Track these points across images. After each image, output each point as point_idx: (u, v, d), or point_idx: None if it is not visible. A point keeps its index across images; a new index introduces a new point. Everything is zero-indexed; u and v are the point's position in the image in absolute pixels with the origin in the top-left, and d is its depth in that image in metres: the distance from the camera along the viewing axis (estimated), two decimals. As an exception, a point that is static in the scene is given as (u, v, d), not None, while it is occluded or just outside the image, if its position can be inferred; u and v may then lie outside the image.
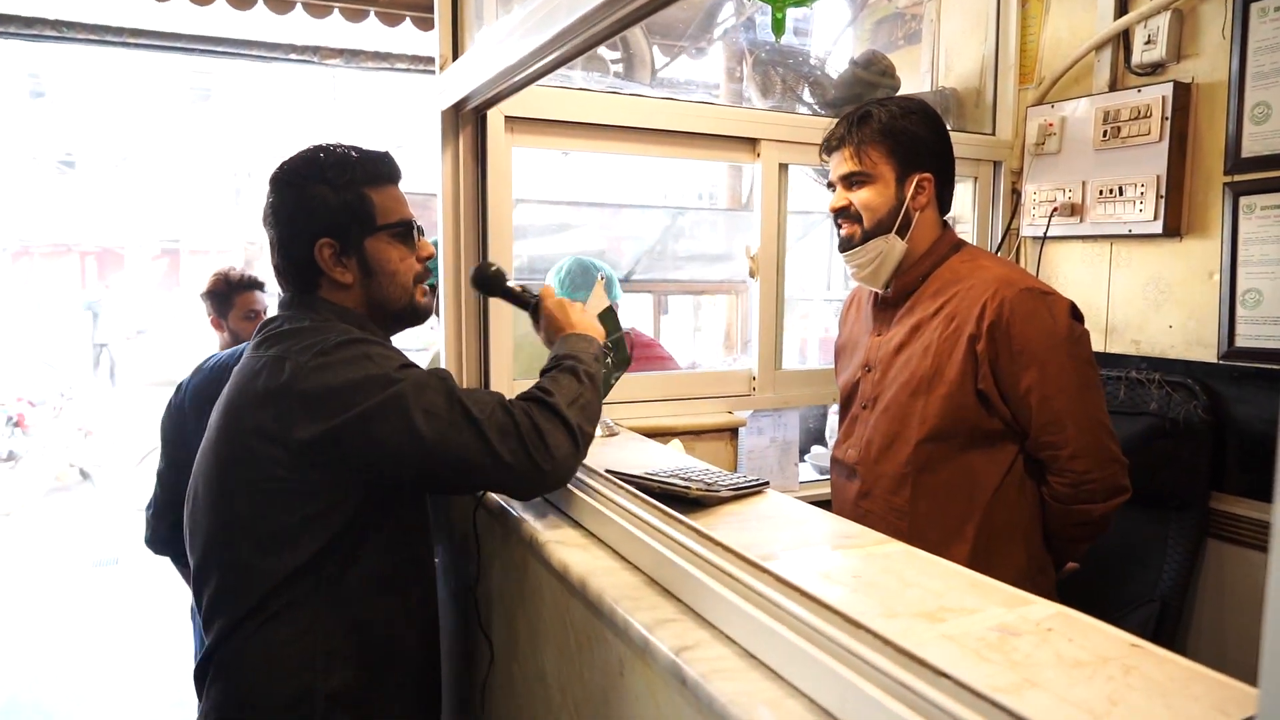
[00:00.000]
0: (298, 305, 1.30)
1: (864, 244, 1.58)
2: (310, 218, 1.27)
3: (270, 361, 1.19)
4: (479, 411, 1.15)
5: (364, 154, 1.32)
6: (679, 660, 0.84)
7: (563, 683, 1.17)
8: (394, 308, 1.34)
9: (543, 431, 1.16)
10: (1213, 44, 2.01)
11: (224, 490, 1.21)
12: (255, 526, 1.18)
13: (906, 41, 3.23)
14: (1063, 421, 1.47)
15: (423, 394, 1.14)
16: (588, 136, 2.00)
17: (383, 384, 1.14)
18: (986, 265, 1.58)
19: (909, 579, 1.04)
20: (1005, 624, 0.90)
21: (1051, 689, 0.76)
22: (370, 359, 1.17)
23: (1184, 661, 0.80)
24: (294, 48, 3.84)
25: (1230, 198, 1.96)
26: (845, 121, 1.60)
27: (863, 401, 1.66)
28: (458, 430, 1.13)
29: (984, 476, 1.52)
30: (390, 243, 1.32)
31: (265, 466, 1.16)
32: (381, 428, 1.12)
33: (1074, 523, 1.54)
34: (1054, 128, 2.30)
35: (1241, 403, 1.97)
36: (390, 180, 1.35)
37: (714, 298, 5.43)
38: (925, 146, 1.58)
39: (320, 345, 1.17)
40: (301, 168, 1.30)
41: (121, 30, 3.61)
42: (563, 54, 1.35)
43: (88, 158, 17.49)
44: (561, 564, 1.13)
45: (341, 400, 1.12)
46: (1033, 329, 1.46)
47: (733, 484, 1.38)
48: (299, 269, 1.30)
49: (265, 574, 1.18)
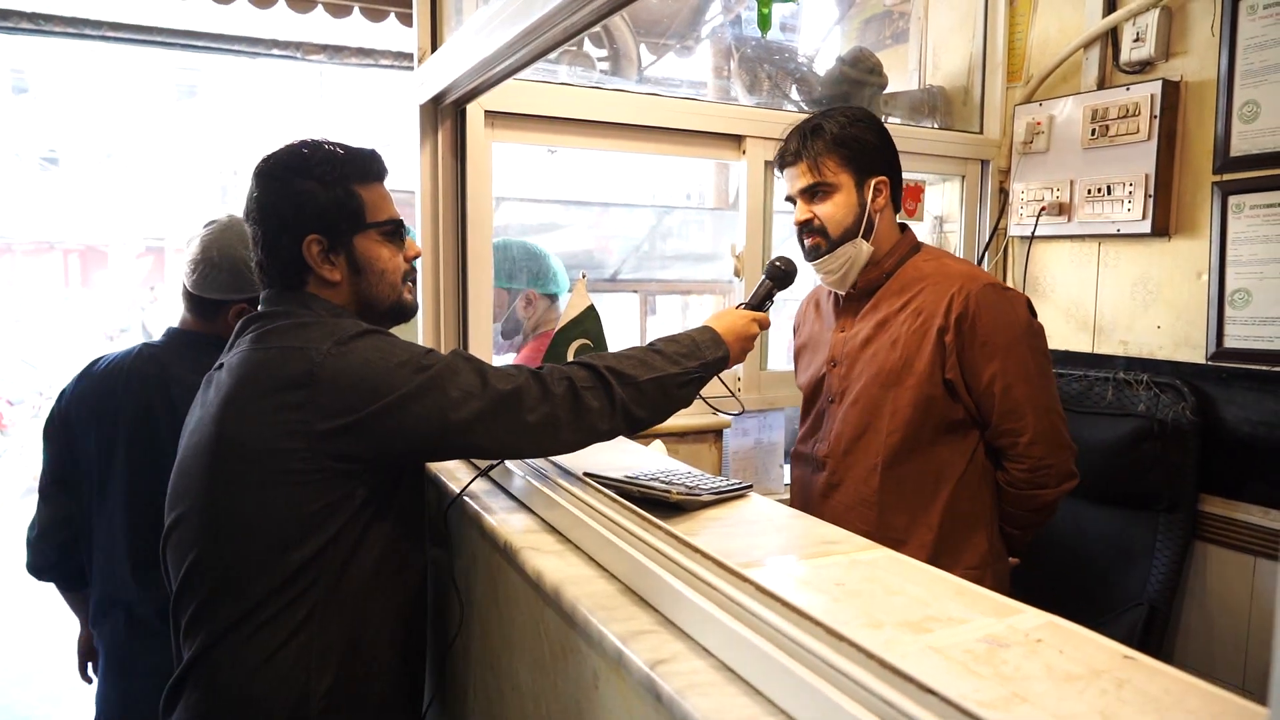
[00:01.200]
0: (291, 301, 1.27)
1: (832, 251, 1.62)
2: (298, 213, 1.24)
3: (282, 352, 1.17)
4: (509, 381, 1.17)
5: (352, 151, 1.30)
6: (654, 674, 0.80)
7: (537, 693, 1.13)
8: (382, 306, 1.33)
9: (579, 392, 1.19)
10: (1201, 42, 1.99)
11: (227, 489, 1.17)
12: (261, 525, 1.15)
13: (894, 40, 3.21)
14: (1023, 409, 1.53)
15: (454, 376, 1.16)
16: (570, 132, 1.97)
17: (415, 369, 1.15)
18: (949, 264, 1.65)
19: (893, 587, 1.00)
20: (993, 634, 0.86)
21: (1042, 704, 0.73)
22: (392, 345, 1.18)
23: (1178, 674, 0.77)
24: (276, 43, 3.79)
25: (1219, 197, 1.94)
26: (796, 136, 1.64)
27: (829, 396, 1.70)
28: (493, 406, 1.15)
29: (949, 465, 1.59)
30: (379, 241, 1.30)
31: (281, 459, 1.13)
32: (419, 411, 1.13)
33: (1028, 508, 1.61)
34: (1042, 126, 2.28)
35: (1230, 404, 1.95)
36: (378, 178, 1.33)
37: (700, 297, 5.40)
38: (876, 152, 1.64)
39: (338, 335, 1.16)
40: (289, 162, 1.27)
41: (100, 24, 3.55)
42: (541, 44, 1.32)
43: (71, 154, 17.32)
44: (535, 571, 1.09)
45: (374, 387, 1.13)
46: (997, 322, 1.53)
47: (714, 487, 1.35)
48: (285, 265, 1.26)
49: (268, 573, 1.15)
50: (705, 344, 1.37)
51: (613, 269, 4.50)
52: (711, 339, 1.39)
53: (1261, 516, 1.90)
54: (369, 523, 1.20)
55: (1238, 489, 1.95)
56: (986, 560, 1.59)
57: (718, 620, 0.83)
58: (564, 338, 1.83)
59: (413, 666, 1.34)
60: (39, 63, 16.91)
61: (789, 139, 1.65)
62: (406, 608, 1.30)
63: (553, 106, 1.91)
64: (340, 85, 16.30)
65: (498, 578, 1.29)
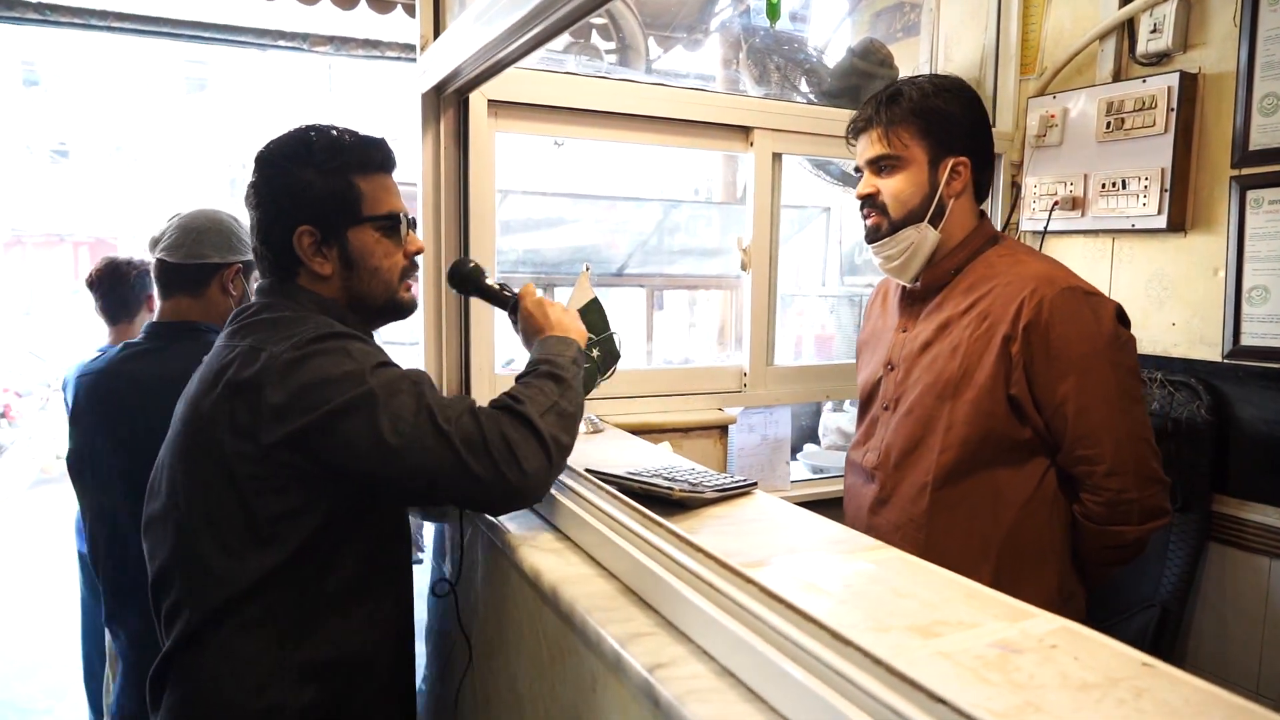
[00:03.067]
0: (277, 293, 1.24)
1: (893, 234, 1.47)
2: (292, 202, 1.21)
3: (244, 352, 1.13)
4: (446, 421, 1.08)
5: (357, 139, 1.26)
6: (652, 679, 0.78)
7: (534, 695, 1.11)
8: (375, 303, 1.28)
9: (512, 443, 1.09)
10: (1221, 33, 1.94)
11: (192, 485, 1.14)
12: (224, 524, 1.12)
13: (905, 34, 3.17)
14: (1100, 435, 1.36)
15: (393, 398, 1.08)
16: (575, 123, 1.93)
17: (354, 382, 1.08)
18: (1026, 260, 1.47)
19: (901, 589, 0.97)
20: (1005, 640, 0.83)
21: (1057, 714, 0.69)
22: (348, 354, 1.11)
23: (1199, 683, 0.74)
24: (283, 34, 3.77)
25: (1237, 192, 1.90)
26: (874, 101, 1.49)
27: (884, 402, 1.56)
28: (424, 439, 1.07)
29: (1011, 492, 1.42)
30: (375, 235, 1.25)
31: (234, 461, 1.10)
32: (347, 429, 1.07)
33: (1106, 545, 1.42)
34: (1056, 119, 2.23)
35: (1246, 403, 1.91)
36: (383, 169, 1.28)
37: (708, 293, 5.37)
38: (960, 127, 1.47)
39: (296, 338, 1.12)
40: (289, 148, 1.23)
41: (107, 14, 3.54)
42: (543, 31, 1.28)
43: (82, 147, 17.39)
44: (533, 570, 1.06)
45: (311, 398, 1.07)
46: (1074, 332, 1.35)
47: (719, 485, 1.32)
48: (277, 255, 1.23)
49: (234, 575, 1.11)
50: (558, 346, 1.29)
51: (619, 263, 4.48)
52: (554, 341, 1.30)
53: (1277, 518, 1.86)
54: (343, 537, 1.16)
55: (1253, 489, 1.91)
56: (1054, 602, 1.39)
57: (719, 623, 0.80)
58: (567, 331, 1.80)
59: (402, 675, 1.30)
60: (49, 56, 16.96)
61: (865, 104, 1.51)
62: (395, 618, 1.25)
63: (558, 96, 1.88)
64: (348, 78, 16.30)
65: (499, 576, 1.27)
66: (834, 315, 4.47)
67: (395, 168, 1.30)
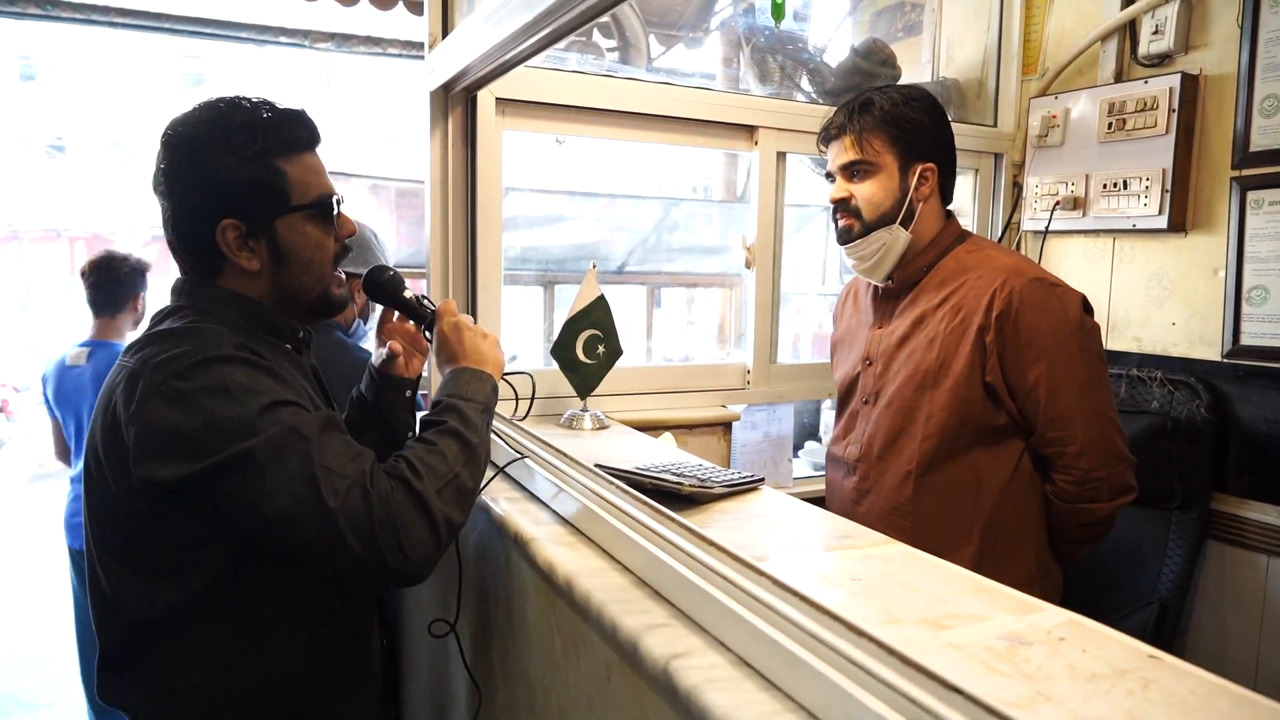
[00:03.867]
0: (188, 294, 1.13)
1: (866, 235, 1.54)
2: (211, 193, 1.08)
3: (127, 378, 1.03)
4: (333, 494, 0.96)
5: (276, 115, 1.12)
6: (669, 669, 0.79)
7: (546, 686, 1.12)
8: (306, 298, 1.17)
9: (400, 527, 0.97)
10: (1222, 35, 1.96)
11: (96, 511, 1.09)
12: (126, 553, 1.06)
13: (906, 33, 3.18)
14: (1070, 417, 1.43)
15: (275, 461, 0.96)
16: (581, 121, 1.95)
17: (234, 434, 0.97)
18: (994, 255, 1.54)
19: (911, 583, 0.99)
20: (1014, 632, 0.85)
21: (1067, 703, 0.71)
22: (228, 393, 0.98)
23: (1205, 674, 0.76)
24: (284, 31, 3.78)
25: (1238, 192, 1.92)
26: (845, 109, 1.56)
27: (863, 396, 1.62)
28: (304, 513, 0.96)
29: (990, 475, 1.49)
30: (306, 224, 1.14)
31: (120, 495, 1.03)
32: (224, 487, 0.97)
33: (1078, 523, 1.50)
34: (1057, 119, 2.25)
35: (1245, 402, 1.93)
36: (308, 147, 1.15)
37: (707, 290, 5.39)
38: (928, 135, 1.54)
39: (173, 365, 0.99)
40: (202, 130, 1.09)
41: (108, 10, 3.54)
42: (554, 31, 1.30)
43: (78, 142, 17.33)
44: (547, 562, 1.07)
45: (187, 444, 0.97)
46: (1043, 321, 1.42)
47: (726, 480, 1.33)
48: (198, 251, 1.12)
49: (145, 604, 1.06)
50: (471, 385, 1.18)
51: (619, 261, 4.49)
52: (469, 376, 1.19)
53: (1276, 516, 1.88)
54: (261, 573, 1.08)
55: (1252, 488, 1.93)
56: (1034, 577, 1.50)
57: (735, 614, 0.82)
58: (572, 329, 1.81)
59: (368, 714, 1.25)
60: (46, 50, 16.90)
61: (837, 112, 1.57)
62: (352, 651, 1.20)
63: (564, 94, 1.90)
64: (346, 74, 16.27)
65: (508, 569, 1.28)
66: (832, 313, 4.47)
67: (320, 142, 1.18)
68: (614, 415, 1.96)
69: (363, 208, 8.20)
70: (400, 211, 8.73)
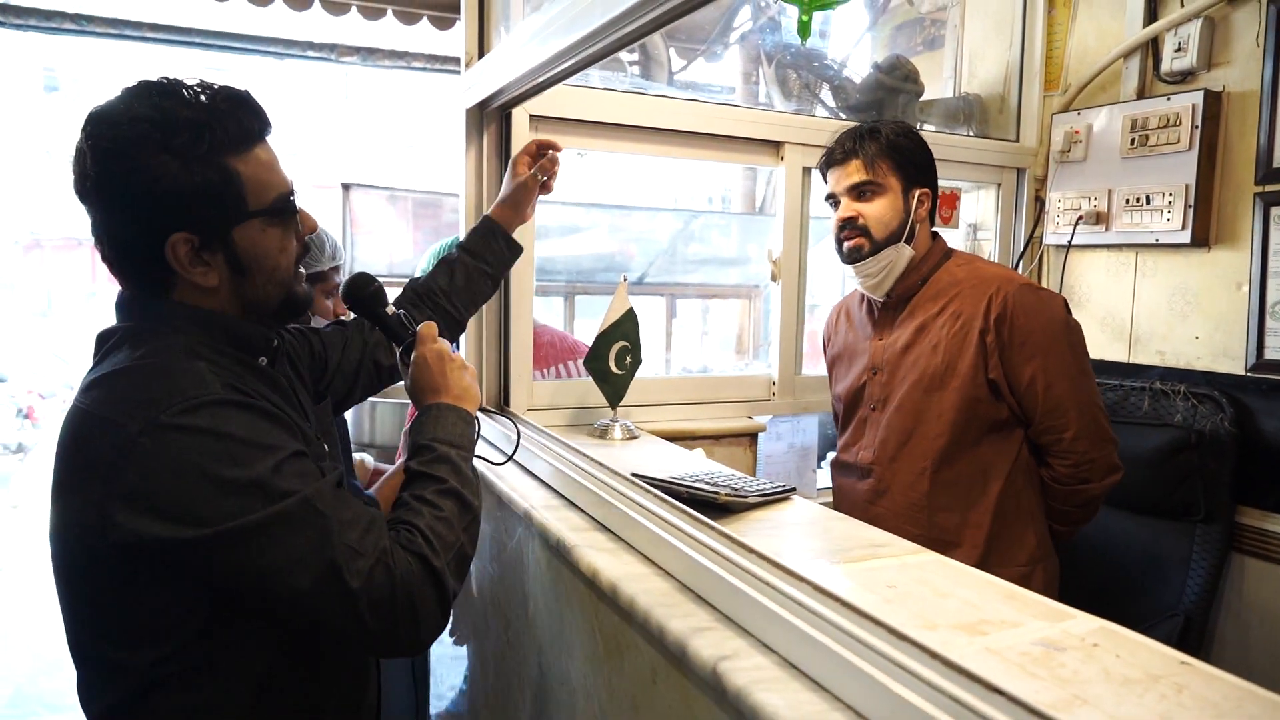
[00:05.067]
0: (141, 313, 1.00)
1: (875, 254, 1.65)
2: (155, 205, 0.93)
3: (89, 422, 0.91)
4: (355, 575, 0.89)
5: (220, 104, 0.96)
6: (718, 670, 0.82)
7: (589, 689, 1.15)
8: (270, 306, 1.05)
9: (418, 605, 0.92)
10: (1245, 52, 1.98)
11: (63, 567, 0.98)
12: (99, 618, 0.97)
13: (925, 47, 3.21)
14: (1065, 406, 1.56)
15: (292, 535, 0.88)
16: (611, 137, 1.99)
17: (243, 500, 0.87)
18: (982, 267, 1.69)
19: (944, 589, 1.02)
20: (1048, 638, 0.88)
21: (1102, 706, 0.74)
22: (227, 449, 0.88)
23: (1236, 680, 0.78)
24: (311, 45, 3.85)
25: (1261, 208, 1.94)
26: (851, 137, 1.67)
27: (871, 403, 1.72)
28: (324, 594, 0.89)
29: (995, 465, 1.61)
30: (267, 228, 1.00)
31: (91, 558, 0.92)
32: (229, 559, 0.87)
33: (1074, 504, 1.63)
34: (1080, 135, 2.28)
35: (1269, 416, 1.94)
36: (259, 138, 1.00)
37: (723, 301, 5.41)
38: (924, 166, 1.68)
39: (150, 411, 0.87)
40: (137, 130, 0.92)
41: (140, 25, 3.62)
42: (593, 53, 1.34)
43: (100, 153, 17.52)
44: (590, 568, 1.11)
45: (183, 509, 0.86)
46: (1035, 321, 1.56)
47: (760, 490, 1.37)
48: (142, 267, 0.98)
49: (125, 671, 0.96)
50: (456, 428, 1.10)
51: (639, 272, 4.52)
52: (453, 416, 1.12)
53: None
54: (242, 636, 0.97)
55: (1277, 501, 1.94)
56: (1036, 557, 1.62)
57: (780, 618, 0.85)
58: (605, 341, 1.85)
59: None
60: (70, 61, 17.14)
61: (841, 139, 1.68)
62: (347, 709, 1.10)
63: (595, 111, 1.94)
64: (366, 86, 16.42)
65: (549, 575, 1.31)
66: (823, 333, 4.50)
67: (272, 129, 1.02)
68: (642, 425, 1.99)
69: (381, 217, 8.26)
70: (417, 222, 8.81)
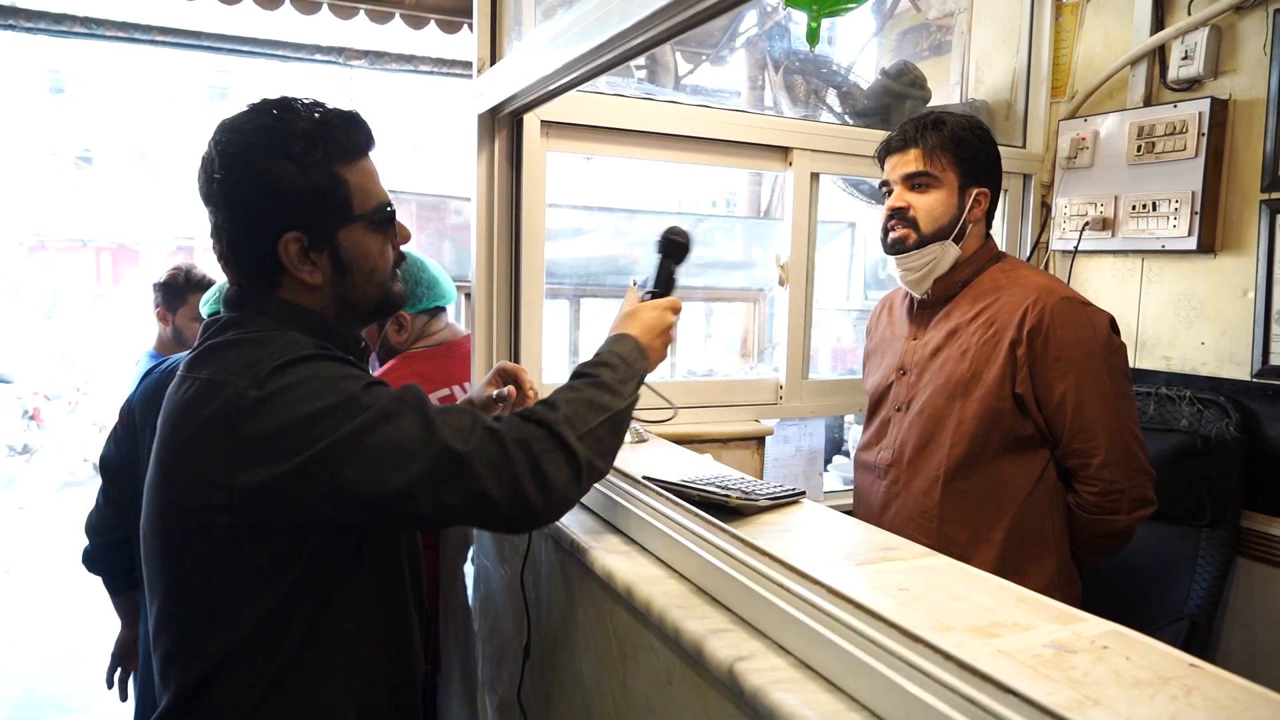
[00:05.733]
0: (247, 306, 1.09)
1: (921, 248, 1.60)
2: (272, 205, 1.04)
3: (203, 387, 0.99)
4: (460, 440, 0.96)
5: (333, 119, 1.09)
6: (735, 671, 0.83)
7: (602, 689, 1.16)
8: (367, 306, 1.15)
9: (542, 464, 0.98)
10: (1252, 60, 2.00)
11: (170, 540, 1.04)
12: (207, 579, 1.02)
13: (932, 53, 3.23)
14: (1095, 429, 1.49)
15: (392, 426, 0.95)
16: (620, 142, 2.00)
17: (343, 415, 0.95)
18: (1027, 275, 1.62)
19: (956, 593, 1.03)
20: (1060, 641, 0.89)
21: (1114, 708, 0.75)
22: (322, 380, 0.97)
23: (1245, 683, 0.80)
24: (319, 48, 3.88)
25: (1267, 215, 1.95)
26: (914, 124, 1.62)
27: (896, 404, 1.68)
28: (440, 473, 0.95)
29: (1015, 482, 1.55)
30: (368, 233, 1.11)
31: (209, 515, 0.98)
32: (346, 466, 0.94)
33: (1099, 534, 1.56)
34: (1086, 141, 2.29)
35: (1275, 421, 1.95)
36: (364, 152, 1.12)
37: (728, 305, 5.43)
38: (986, 163, 1.62)
39: (257, 369, 0.97)
40: (260, 138, 1.05)
41: (150, 28, 3.64)
42: (606, 61, 1.35)
43: (105, 154, 17.64)
44: (605, 570, 1.12)
45: (295, 437, 0.94)
46: (1072, 337, 1.50)
47: (770, 493, 1.38)
48: (257, 264, 1.08)
49: (227, 629, 1.02)
50: (634, 358, 1.18)
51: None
52: (635, 348, 1.20)
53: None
54: (334, 578, 1.05)
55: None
56: (1055, 584, 1.54)
57: (796, 620, 0.86)
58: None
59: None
60: (76, 64, 17.22)
61: (904, 126, 1.63)
62: (399, 669, 1.17)
63: (606, 117, 1.95)
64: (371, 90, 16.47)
65: (562, 576, 1.33)
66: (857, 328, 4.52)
67: (375, 146, 1.15)
68: (651, 428, 2.00)
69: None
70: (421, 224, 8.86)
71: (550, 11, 1.78)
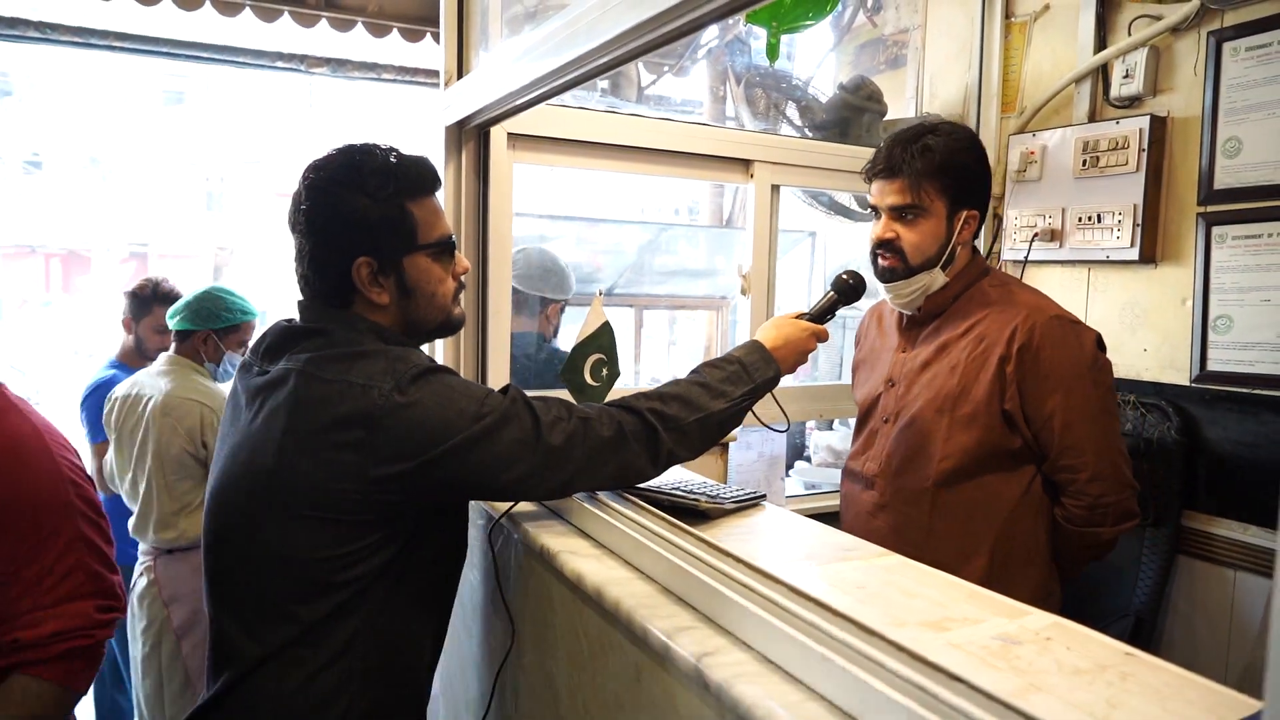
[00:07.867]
0: (339, 321, 1.23)
1: (909, 277, 1.59)
2: (348, 232, 1.20)
3: (346, 389, 1.13)
4: (561, 435, 1.16)
5: (404, 161, 1.24)
6: (701, 666, 0.87)
7: (573, 688, 1.20)
8: (429, 326, 1.30)
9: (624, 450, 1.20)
10: (1187, 80, 2.09)
11: (274, 519, 1.15)
12: (306, 557, 1.14)
13: (888, 66, 3.31)
14: (1083, 446, 1.51)
15: (510, 426, 1.14)
16: (585, 154, 2.04)
17: (471, 419, 1.12)
18: (1017, 292, 1.63)
19: (911, 590, 1.08)
20: (1007, 633, 0.94)
21: (1055, 693, 0.80)
22: (453, 389, 1.15)
23: (1176, 669, 0.85)
24: (281, 55, 3.85)
25: (1203, 227, 2.04)
26: (900, 149, 1.57)
27: (884, 416, 1.69)
28: (538, 464, 1.15)
29: (1002, 496, 1.56)
30: (430, 261, 1.26)
31: (333, 497, 1.11)
32: (473, 464, 1.12)
33: (1084, 545, 1.58)
34: (1035, 155, 2.37)
35: (1213, 424, 2.04)
36: (430, 191, 1.28)
37: (691, 313, 5.47)
38: (976, 183, 1.60)
39: (400, 376, 1.13)
40: (340, 175, 1.21)
41: (106, 34, 3.59)
42: (576, 77, 1.39)
43: (55, 159, 17.24)
44: (575, 574, 1.16)
45: (431, 436, 1.11)
46: (1061, 355, 1.51)
47: (735, 497, 1.42)
48: (333, 284, 1.23)
49: (311, 603, 1.14)
50: (755, 364, 1.35)
51: (608, 284, 4.57)
52: (761, 357, 1.36)
53: (1241, 532, 1.99)
54: (412, 551, 1.20)
55: (1220, 505, 2.03)
56: (1039, 596, 1.55)
57: (757, 616, 0.90)
58: (581, 353, 1.89)
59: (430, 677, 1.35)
60: (24, 66, 16.82)
61: (891, 148, 1.58)
62: (441, 627, 1.32)
63: (572, 129, 1.99)
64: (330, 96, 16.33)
65: (532, 580, 1.36)
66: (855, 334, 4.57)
67: (440, 186, 1.30)
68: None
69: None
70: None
71: (516, 25, 1.82)
